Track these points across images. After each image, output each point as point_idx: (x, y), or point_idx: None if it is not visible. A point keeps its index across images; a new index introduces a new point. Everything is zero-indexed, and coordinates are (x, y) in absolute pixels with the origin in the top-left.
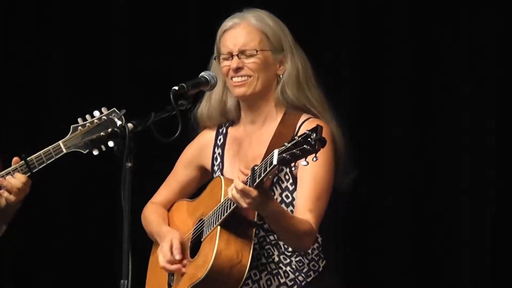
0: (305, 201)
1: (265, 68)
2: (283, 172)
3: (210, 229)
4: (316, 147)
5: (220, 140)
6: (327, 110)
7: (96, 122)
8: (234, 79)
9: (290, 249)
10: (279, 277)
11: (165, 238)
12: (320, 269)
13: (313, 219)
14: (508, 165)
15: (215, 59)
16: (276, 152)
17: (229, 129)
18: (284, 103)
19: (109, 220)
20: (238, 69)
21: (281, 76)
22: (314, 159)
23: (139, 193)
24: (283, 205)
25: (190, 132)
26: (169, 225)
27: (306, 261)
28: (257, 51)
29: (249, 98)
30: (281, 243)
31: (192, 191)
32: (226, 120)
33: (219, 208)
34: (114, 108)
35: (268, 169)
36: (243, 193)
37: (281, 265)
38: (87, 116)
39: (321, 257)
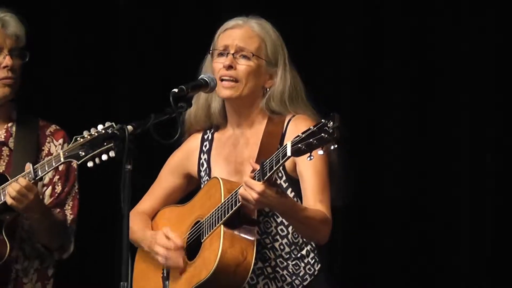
0: (314, 193)
1: (255, 76)
2: None
3: (211, 229)
4: (335, 135)
5: (205, 146)
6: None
7: (95, 135)
8: (223, 81)
9: (286, 250)
10: (276, 281)
11: (157, 236)
12: (316, 273)
13: (325, 209)
14: (508, 165)
15: (209, 53)
16: (289, 143)
17: (215, 135)
18: (269, 111)
19: (109, 222)
20: (229, 67)
21: (267, 89)
22: (332, 147)
23: (139, 195)
24: None
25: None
26: None
27: (302, 264)
28: (253, 54)
29: (234, 101)
30: (277, 245)
31: (177, 199)
32: (211, 124)
33: (221, 208)
34: (113, 123)
35: (281, 162)
36: (253, 189)
37: (278, 269)
38: (92, 129)
39: (316, 260)
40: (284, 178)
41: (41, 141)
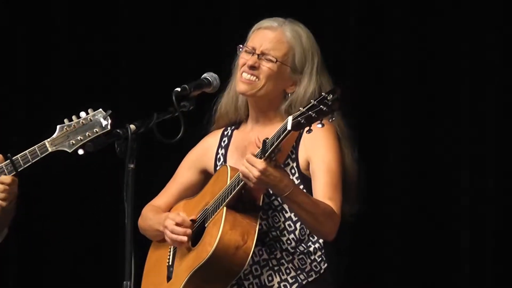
0: (324, 190)
1: (276, 79)
2: (290, 166)
3: (215, 213)
4: (333, 107)
5: (224, 141)
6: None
7: (82, 123)
8: (244, 74)
9: (293, 245)
10: (280, 273)
11: (170, 213)
12: (322, 271)
13: (335, 206)
14: (508, 166)
15: (239, 47)
16: (290, 118)
17: (234, 132)
18: (288, 115)
19: (112, 221)
20: (252, 67)
21: (289, 94)
22: (331, 120)
23: (142, 195)
24: None
25: (193, 133)
26: None
27: (309, 261)
28: (277, 60)
29: (249, 97)
30: (284, 239)
31: (192, 195)
32: (237, 118)
33: (225, 191)
34: (100, 109)
35: (281, 136)
36: (253, 166)
37: (283, 261)
38: (73, 117)
39: (323, 259)
40: (297, 175)
41: None
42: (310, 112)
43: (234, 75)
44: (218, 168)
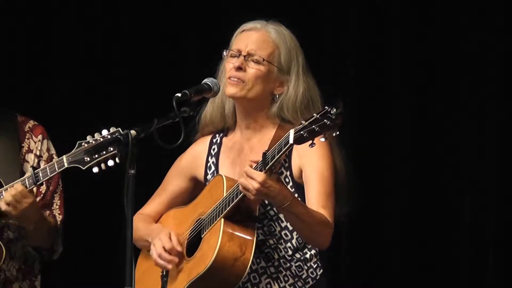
0: (317, 199)
1: (264, 81)
2: (283, 175)
3: (212, 224)
4: (337, 121)
5: (214, 149)
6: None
7: (100, 140)
8: (231, 78)
9: (289, 253)
10: (278, 281)
11: (161, 232)
12: (318, 277)
13: (328, 214)
14: (508, 166)
15: (225, 52)
16: (292, 131)
17: (224, 139)
18: (280, 119)
19: (112, 227)
20: (239, 68)
21: (277, 96)
22: (334, 134)
23: (142, 200)
24: None
25: (193, 139)
26: None
27: (305, 267)
28: (263, 59)
29: (240, 101)
30: (281, 247)
31: (181, 203)
32: (225, 126)
33: (222, 202)
34: (119, 128)
35: (283, 150)
36: (253, 179)
37: (281, 269)
38: (96, 134)
39: (318, 265)
40: (291, 183)
41: (20, 138)
42: (313, 126)
43: (219, 82)
44: (209, 176)
